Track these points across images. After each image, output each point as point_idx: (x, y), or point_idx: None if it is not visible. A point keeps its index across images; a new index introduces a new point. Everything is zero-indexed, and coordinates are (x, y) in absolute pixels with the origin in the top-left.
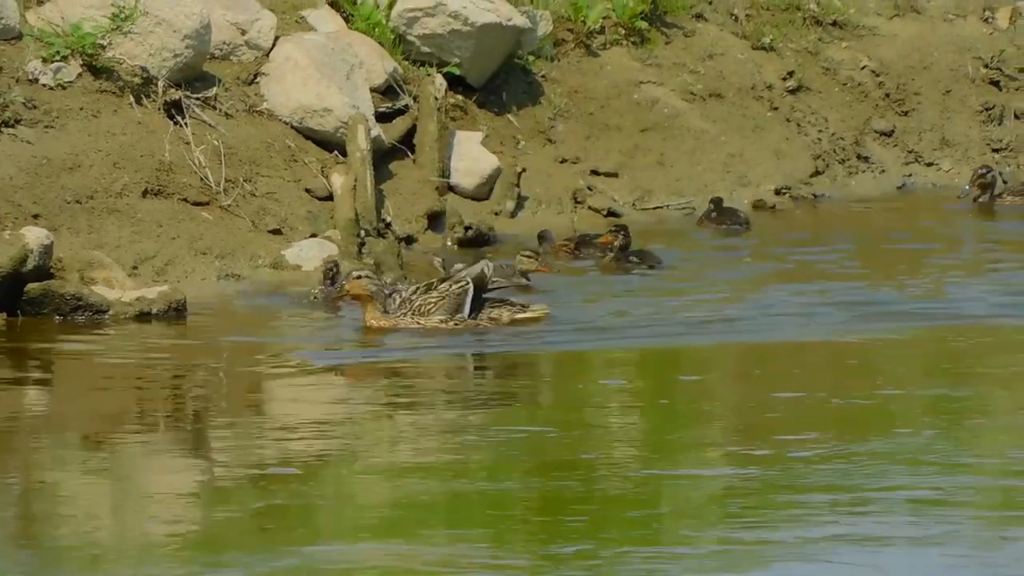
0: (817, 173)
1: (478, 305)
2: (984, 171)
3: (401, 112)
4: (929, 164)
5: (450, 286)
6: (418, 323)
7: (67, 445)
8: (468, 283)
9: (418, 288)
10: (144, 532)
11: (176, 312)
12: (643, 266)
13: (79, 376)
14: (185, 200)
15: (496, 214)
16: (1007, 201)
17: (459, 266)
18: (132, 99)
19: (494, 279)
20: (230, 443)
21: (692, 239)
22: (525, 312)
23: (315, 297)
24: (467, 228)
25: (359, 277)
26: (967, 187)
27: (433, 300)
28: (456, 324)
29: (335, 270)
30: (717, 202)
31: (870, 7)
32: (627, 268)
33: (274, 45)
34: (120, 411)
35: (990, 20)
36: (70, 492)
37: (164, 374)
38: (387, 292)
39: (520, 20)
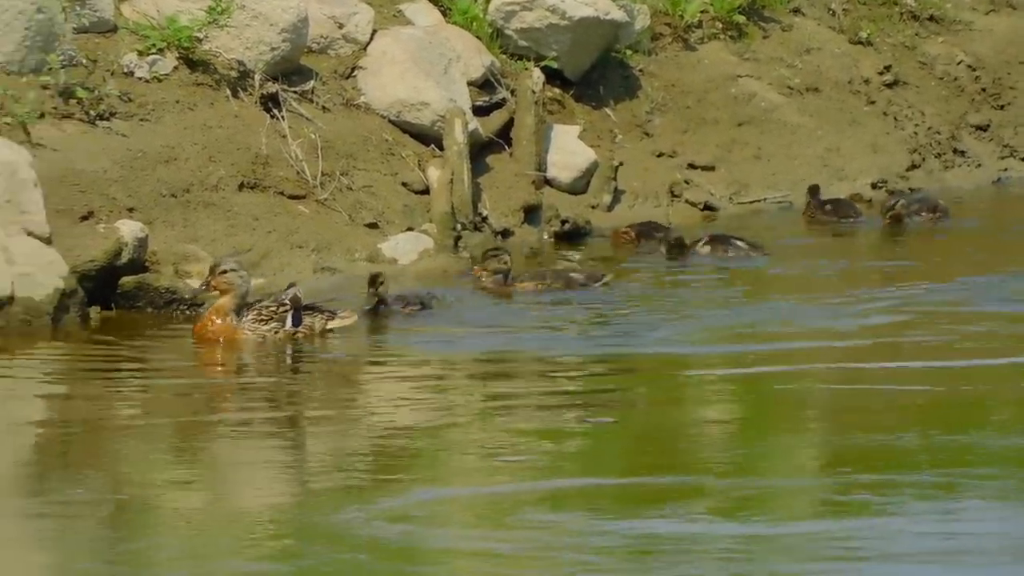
0: (913, 167)
1: (299, 318)
2: None
3: (498, 106)
4: None
5: (277, 305)
6: (249, 330)
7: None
8: (288, 303)
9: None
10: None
11: (372, 285)
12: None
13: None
14: (281, 194)
15: (593, 208)
16: None
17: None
18: (228, 92)
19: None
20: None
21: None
22: (335, 320)
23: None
24: (563, 222)
25: (224, 271)
26: None
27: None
28: (282, 333)
29: (380, 281)
30: (814, 190)
31: (966, 2)
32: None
33: (371, 39)
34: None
35: None
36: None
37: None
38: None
39: (618, 14)
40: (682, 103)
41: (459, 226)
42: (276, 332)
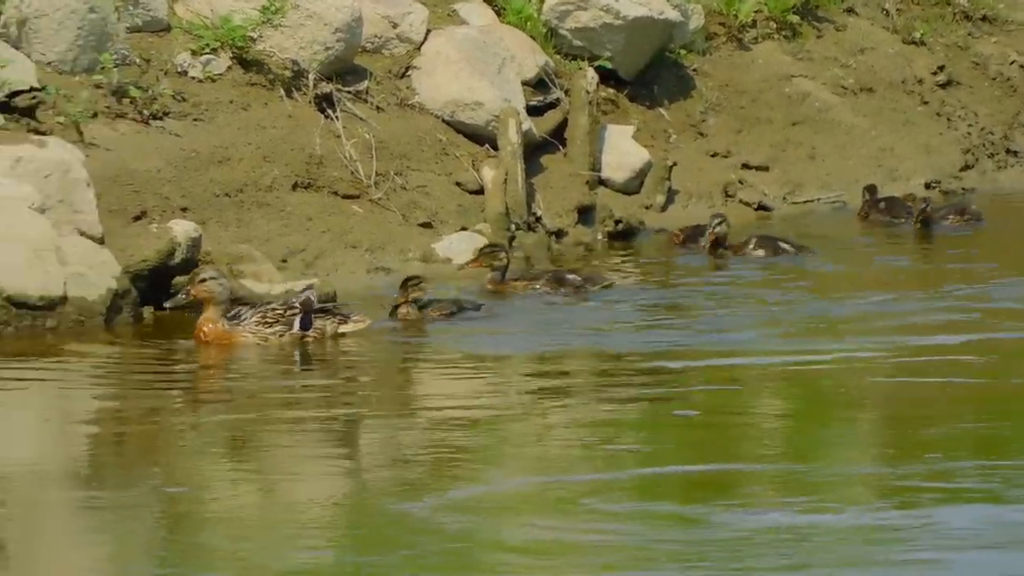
0: (967, 167)
1: (308, 322)
2: None
3: (552, 106)
4: None
5: (285, 308)
6: (250, 333)
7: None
8: (298, 306)
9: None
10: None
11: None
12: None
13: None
14: (335, 193)
15: (647, 208)
16: None
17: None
18: (282, 92)
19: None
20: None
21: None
22: (347, 324)
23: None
24: (617, 222)
25: (203, 280)
26: None
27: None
28: (288, 336)
29: (413, 284)
30: (871, 189)
31: (1019, 2)
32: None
33: (425, 38)
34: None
35: None
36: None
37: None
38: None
39: (672, 14)
40: (736, 103)
41: (513, 226)
42: (281, 336)
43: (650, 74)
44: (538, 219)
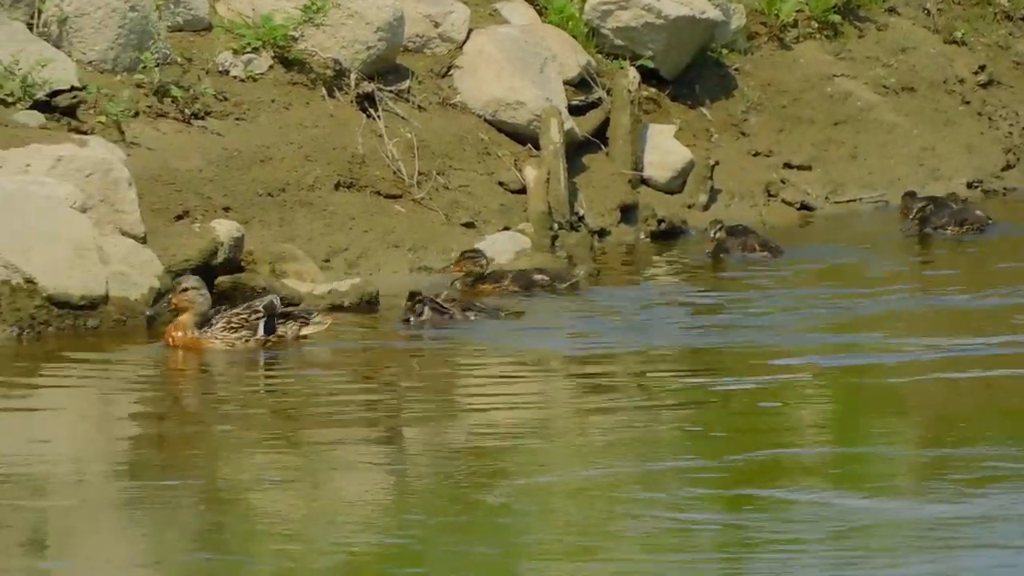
0: (1008, 167)
1: (272, 326)
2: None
3: (594, 105)
4: None
5: (250, 312)
6: (217, 338)
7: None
8: (262, 310)
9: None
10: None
11: (368, 305)
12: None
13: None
14: (378, 193)
15: (689, 207)
16: None
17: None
18: (324, 91)
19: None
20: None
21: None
22: (308, 326)
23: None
24: (660, 221)
25: (185, 290)
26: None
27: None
28: (254, 342)
29: (419, 299)
30: (912, 195)
31: None
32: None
33: (467, 38)
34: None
35: None
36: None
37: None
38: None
39: (714, 13)
40: (778, 102)
41: (556, 225)
42: (247, 340)
43: (692, 73)
44: (580, 218)
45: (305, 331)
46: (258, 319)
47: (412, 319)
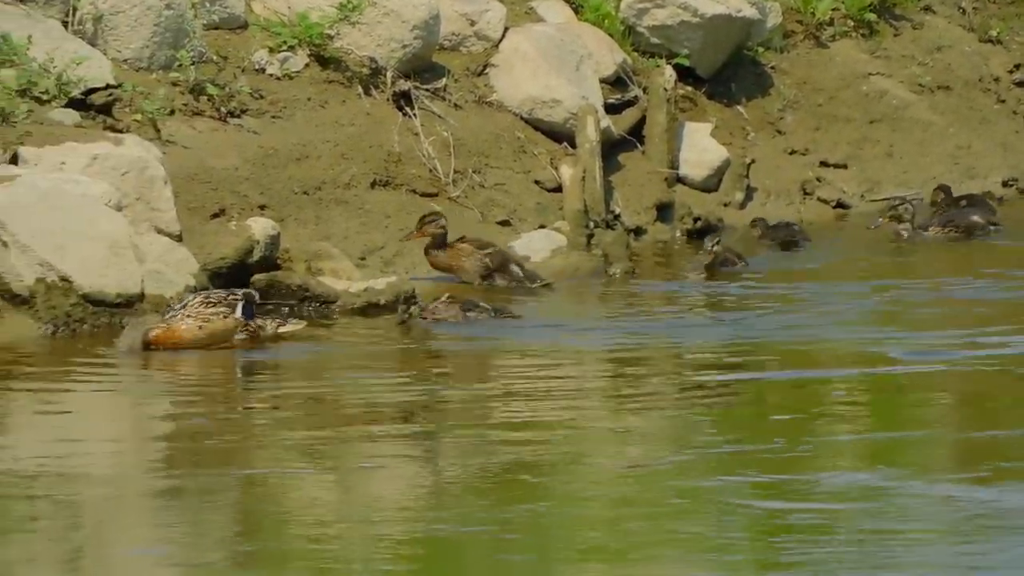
0: None
1: (251, 312)
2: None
3: (630, 103)
4: None
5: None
6: (190, 316)
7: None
8: (241, 295)
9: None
10: None
11: (404, 303)
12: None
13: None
14: (414, 191)
15: (725, 205)
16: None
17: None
18: (360, 90)
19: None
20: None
21: None
22: (286, 326)
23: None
24: (696, 219)
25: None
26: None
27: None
28: (231, 320)
29: (414, 301)
30: (947, 189)
31: None
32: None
33: (503, 36)
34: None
35: None
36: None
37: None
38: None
39: (750, 12)
40: (814, 100)
41: (591, 224)
42: (225, 316)
43: (728, 72)
44: (616, 217)
45: (283, 329)
46: (235, 299)
47: (408, 320)
